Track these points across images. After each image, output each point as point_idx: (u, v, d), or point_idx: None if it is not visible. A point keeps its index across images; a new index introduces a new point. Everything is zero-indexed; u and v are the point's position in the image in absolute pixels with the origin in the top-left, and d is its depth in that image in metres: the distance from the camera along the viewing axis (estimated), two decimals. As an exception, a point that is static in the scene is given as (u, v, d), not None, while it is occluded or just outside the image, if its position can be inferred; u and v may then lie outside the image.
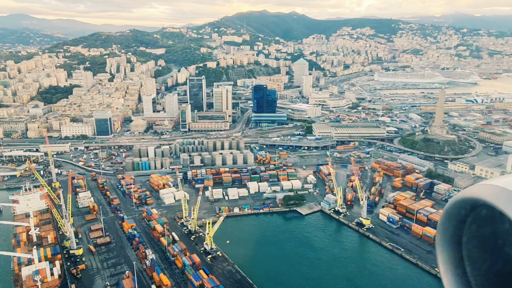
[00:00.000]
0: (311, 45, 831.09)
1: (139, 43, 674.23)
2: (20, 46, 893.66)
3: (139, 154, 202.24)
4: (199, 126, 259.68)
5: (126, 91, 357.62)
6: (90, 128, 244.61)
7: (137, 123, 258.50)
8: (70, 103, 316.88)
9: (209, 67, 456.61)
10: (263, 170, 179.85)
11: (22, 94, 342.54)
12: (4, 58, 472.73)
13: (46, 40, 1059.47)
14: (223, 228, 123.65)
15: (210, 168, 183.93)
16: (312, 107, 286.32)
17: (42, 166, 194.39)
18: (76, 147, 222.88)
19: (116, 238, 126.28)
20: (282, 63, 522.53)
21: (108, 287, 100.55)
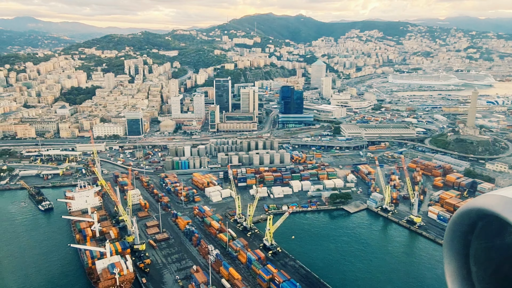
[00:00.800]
0: (321, 47, 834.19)
1: (151, 45, 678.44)
2: (29, 48, 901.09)
3: (176, 153, 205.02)
4: (227, 126, 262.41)
5: (148, 93, 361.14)
6: (122, 128, 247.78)
7: (166, 124, 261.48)
8: (95, 104, 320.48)
9: (227, 69, 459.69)
10: (301, 170, 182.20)
11: (47, 95, 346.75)
12: (23, 60, 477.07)
13: (54, 42, 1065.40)
14: None
15: (247, 167, 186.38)
16: (338, 108, 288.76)
17: (82, 165, 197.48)
18: (111, 146, 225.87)
19: (173, 234, 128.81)
20: (298, 65, 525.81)
21: (179, 281, 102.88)
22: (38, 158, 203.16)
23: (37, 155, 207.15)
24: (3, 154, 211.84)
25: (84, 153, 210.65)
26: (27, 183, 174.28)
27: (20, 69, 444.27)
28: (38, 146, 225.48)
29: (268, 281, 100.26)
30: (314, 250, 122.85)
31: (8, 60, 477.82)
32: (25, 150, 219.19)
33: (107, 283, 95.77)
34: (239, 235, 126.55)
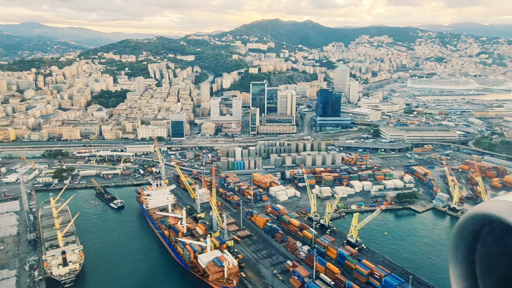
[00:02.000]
0: (334, 53, 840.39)
1: (166, 50, 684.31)
2: (39, 53, 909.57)
3: (227, 154, 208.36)
4: (267, 129, 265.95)
5: (178, 96, 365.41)
6: (165, 130, 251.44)
7: (207, 126, 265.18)
8: (130, 107, 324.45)
9: (251, 73, 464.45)
10: (356, 171, 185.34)
11: (79, 98, 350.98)
12: (48, 64, 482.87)
13: (63, 47, 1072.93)
14: (347, 223, 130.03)
15: (305, 168, 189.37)
16: (373, 111, 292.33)
17: (138, 165, 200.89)
18: (159, 147, 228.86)
19: (253, 231, 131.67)
20: (318, 69, 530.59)
21: (278, 275, 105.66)
22: (93, 159, 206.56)
23: (91, 156, 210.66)
24: (56, 154, 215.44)
25: (136, 154, 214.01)
26: (88, 183, 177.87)
27: (46, 73, 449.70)
28: (87, 147, 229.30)
29: (366, 276, 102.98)
30: (396, 248, 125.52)
31: (34, 64, 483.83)
32: (76, 151, 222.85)
33: (216, 276, 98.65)
34: (319, 232, 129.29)
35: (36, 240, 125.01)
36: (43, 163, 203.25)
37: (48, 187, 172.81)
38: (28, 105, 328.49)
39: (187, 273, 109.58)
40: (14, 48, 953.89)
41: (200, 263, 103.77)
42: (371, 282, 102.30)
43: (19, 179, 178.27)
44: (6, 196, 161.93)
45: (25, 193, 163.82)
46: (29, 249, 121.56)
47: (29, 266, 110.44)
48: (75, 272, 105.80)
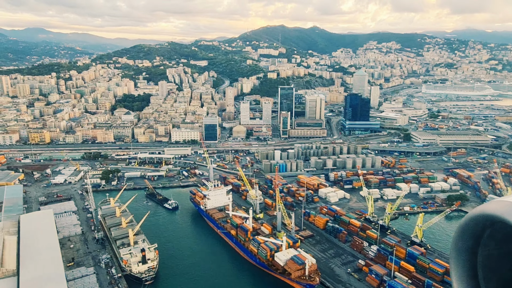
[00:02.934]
0: (344, 58, 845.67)
1: (179, 55, 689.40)
2: (47, 59, 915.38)
3: (267, 157, 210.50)
4: (298, 132, 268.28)
5: (201, 100, 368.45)
6: (198, 133, 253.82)
7: (238, 129, 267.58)
8: (156, 111, 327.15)
9: (270, 78, 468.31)
10: (398, 173, 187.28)
11: (104, 102, 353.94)
12: (67, 69, 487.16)
13: (70, 53, 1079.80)
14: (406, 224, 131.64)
15: (347, 170, 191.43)
16: (401, 116, 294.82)
17: (179, 167, 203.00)
18: (196, 150, 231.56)
19: (313, 231, 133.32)
20: (334, 74, 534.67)
21: (354, 274, 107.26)
22: (135, 161, 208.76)
23: (131, 158, 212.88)
24: (95, 157, 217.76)
25: (176, 156, 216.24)
26: (134, 184, 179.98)
27: (66, 77, 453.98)
28: (123, 149, 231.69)
29: (441, 275, 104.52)
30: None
31: (53, 69, 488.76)
32: (115, 153, 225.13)
33: (297, 274, 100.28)
34: (379, 233, 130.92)
35: (103, 239, 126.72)
36: (84, 165, 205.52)
37: (97, 188, 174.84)
38: (55, 108, 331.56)
39: (260, 271, 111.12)
40: (22, 53, 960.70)
41: (278, 261, 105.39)
42: (446, 280, 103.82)
43: (67, 180, 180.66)
44: (59, 196, 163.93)
45: (77, 194, 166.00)
46: (98, 247, 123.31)
47: (104, 264, 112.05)
48: (154, 270, 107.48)
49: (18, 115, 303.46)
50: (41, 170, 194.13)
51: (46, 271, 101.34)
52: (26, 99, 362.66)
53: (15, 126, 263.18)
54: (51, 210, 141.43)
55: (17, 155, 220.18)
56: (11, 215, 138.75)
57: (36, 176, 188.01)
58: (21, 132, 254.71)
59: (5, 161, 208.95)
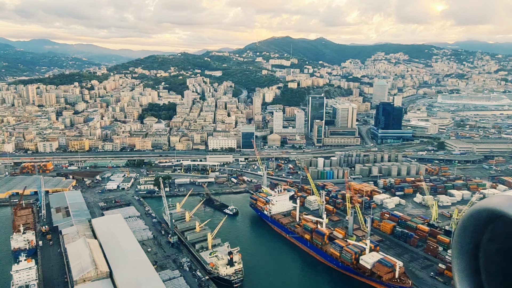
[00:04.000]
0: (353, 69, 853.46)
1: (192, 65, 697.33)
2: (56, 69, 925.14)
3: (310, 164, 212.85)
4: (331, 141, 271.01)
5: (227, 110, 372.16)
6: (235, 141, 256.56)
7: (273, 138, 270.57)
8: (185, 119, 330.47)
9: (290, 87, 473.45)
10: (445, 180, 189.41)
11: (132, 110, 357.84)
12: (88, 78, 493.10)
13: (77, 63, 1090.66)
14: None
15: (395, 178, 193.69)
16: (431, 124, 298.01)
17: (226, 174, 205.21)
18: (237, 158, 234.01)
19: (381, 236, 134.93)
20: (352, 84, 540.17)
21: (437, 278, 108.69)
22: (181, 168, 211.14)
23: (176, 165, 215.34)
24: (139, 164, 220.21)
25: (221, 164, 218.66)
26: (184, 191, 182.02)
27: (88, 86, 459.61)
28: (163, 157, 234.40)
29: None
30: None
31: (74, 78, 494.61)
32: (157, 160, 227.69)
33: (388, 276, 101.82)
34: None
35: (178, 243, 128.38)
36: (130, 172, 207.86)
37: (152, 194, 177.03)
38: (84, 117, 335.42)
39: (343, 274, 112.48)
40: (30, 64, 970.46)
41: (364, 264, 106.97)
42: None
43: (120, 186, 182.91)
44: (117, 202, 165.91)
45: (134, 199, 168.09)
46: (174, 251, 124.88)
47: (188, 267, 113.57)
48: (241, 272, 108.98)
49: (51, 124, 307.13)
50: (92, 177, 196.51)
51: (140, 273, 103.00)
52: (53, 108, 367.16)
53: (54, 134, 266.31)
54: (120, 215, 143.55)
55: (62, 162, 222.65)
56: (81, 219, 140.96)
57: (88, 183, 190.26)
58: (59, 140, 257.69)
59: (52, 168, 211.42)
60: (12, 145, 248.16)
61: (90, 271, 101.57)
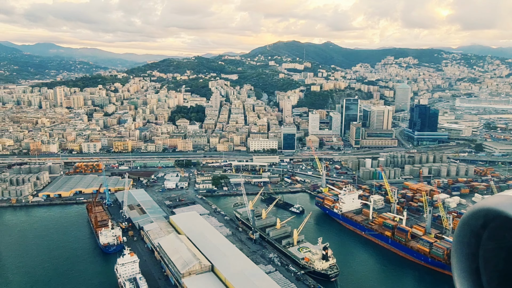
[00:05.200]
0: (365, 73, 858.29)
1: (207, 69, 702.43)
2: (65, 72, 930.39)
3: (358, 165, 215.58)
4: (369, 142, 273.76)
5: (256, 112, 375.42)
6: (276, 143, 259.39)
7: (312, 139, 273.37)
8: (218, 121, 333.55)
9: (313, 91, 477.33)
10: (497, 181, 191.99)
11: (162, 112, 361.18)
12: (111, 81, 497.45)
13: (85, 67, 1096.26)
14: None
15: (444, 178, 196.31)
16: (466, 127, 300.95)
17: (277, 174, 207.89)
18: (282, 159, 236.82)
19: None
20: (372, 88, 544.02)
21: None
22: (232, 168, 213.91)
23: (226, 165, 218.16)
24: (187, 164, 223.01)
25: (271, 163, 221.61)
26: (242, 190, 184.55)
27: (112, 89, 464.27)
28: (208, 157, 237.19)
29: None
30: None
31: (96, 81, 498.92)
32: (204, 161, 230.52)
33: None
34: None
35: (261, 239, 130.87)
36: (177, 171, 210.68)
37: (212, 193, 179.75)
38: (116, 118, 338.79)
39: (432, 270, 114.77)
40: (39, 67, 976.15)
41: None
42: None
43: (178, 185, 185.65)
44: (181, 200, 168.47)
45: (198, 198, 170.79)
46: (258, 247, 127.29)
47: (279, 262, 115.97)
48: (336, 267, 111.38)
49: (88, 125, 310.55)
50: (147, 176, 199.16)
51: (242, 267, 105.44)
52: (84, 110, 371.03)
53: (95, 135, 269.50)
54: (195, 212, 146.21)
55: (112, 162, 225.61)
56: (158, 216, 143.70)
57: (144, 182, 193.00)
58: (102, 141, 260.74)
59: (104, 168, 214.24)
60: (57, 146, 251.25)
61: (195, 265, 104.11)
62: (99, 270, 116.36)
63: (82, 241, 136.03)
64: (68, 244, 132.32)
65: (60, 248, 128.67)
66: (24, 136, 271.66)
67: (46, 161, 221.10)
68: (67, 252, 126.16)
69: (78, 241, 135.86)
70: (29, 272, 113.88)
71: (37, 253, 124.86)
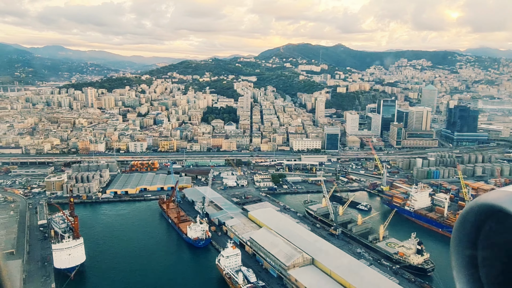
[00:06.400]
0: (381, 75, 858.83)
1: (225, 70, 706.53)
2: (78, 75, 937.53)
3: (409, 165, 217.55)
4: (409, 143, 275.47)
5: (288, 112, 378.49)
6: (319, 143, 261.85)
7: (353, 140, 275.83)
8: (254, 122, 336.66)
9: (339, 92, 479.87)
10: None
11: (195, 113, 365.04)
12: (138, 83, 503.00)
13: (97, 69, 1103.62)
14: None
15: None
16: (504, 128, 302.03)
17: (331, 173, 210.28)
18: (329, 158, 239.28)
19: None
20: (395, 89, 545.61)
21: None
22: (285, 167, 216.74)
23: (278, 164, 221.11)
24: (238, 163, 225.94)
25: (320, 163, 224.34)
26: (303, 188, 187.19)
27: (139, 90, 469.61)
28: (254, 157, 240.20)
29: None
30: None
31: (122, 82, 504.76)
32: (254, 160, 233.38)
33: None
34: None
35: (341, 235, 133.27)
36: (230, 170, 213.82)
37: (274, 191, 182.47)
38: (151, 119, 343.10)
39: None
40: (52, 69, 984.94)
41: None
42: None
43: (239, 183, 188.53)
44: (247, 197, 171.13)
45: (263, 196, 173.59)
46: (342, 243, 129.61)
47: (370, 257, 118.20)
48: (431, 261, 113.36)
49: (127, 125, 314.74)
50: (205, 174, 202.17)
51: (342, 260, 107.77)
52: (118, 111, 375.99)
53: (140, 135, 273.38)
54: (271, 208, 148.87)
55: (164, 161, 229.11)
56: (236, 212, 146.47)
57: (203, 180, 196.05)
58: (147, 140, 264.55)
59: (158, 167, 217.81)
60: (104, 145, 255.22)
61: (298, 258, 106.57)
62: (195, 264, 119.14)
63: (164, 236, 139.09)
64: (152, 239, 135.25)
65: (146, 243, 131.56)
66: (68, 136, 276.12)
67: (99, 159, 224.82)
68: (153, 247, 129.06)
69: (160, 235, 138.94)
70: (123, 263, 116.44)
71: (127, 247, 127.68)
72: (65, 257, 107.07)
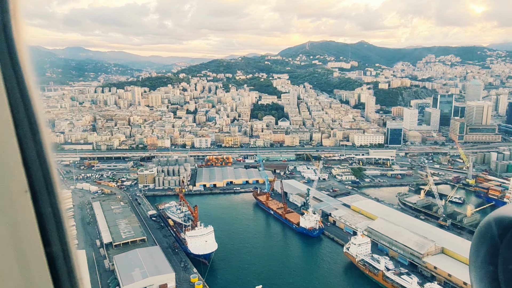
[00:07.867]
0: (412, 71, 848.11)
1: (256, 68, 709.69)
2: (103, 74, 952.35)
3: (484, 159, 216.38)
4: (472, 138, 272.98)
5: (334, 109, 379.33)
6: (382, 138, 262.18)
7: (414, 135, 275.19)
8: (307, 118, 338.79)
9: (381, 88, 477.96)
10: None
11: (244, 110, 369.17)
12: (179, 81, 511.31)
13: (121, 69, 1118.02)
14: None
15: None
16: None
17: (406, 168, 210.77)
18: (397, 153, 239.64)
19: None
20: (436, 85, 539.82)
21: None
22: (359, 161, 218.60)
23: (350, 158, 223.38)
24: (307, 158, 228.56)
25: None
26: (385, 181, 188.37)
27: (180, 88, 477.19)
28: (325, 151, 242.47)
29: None
30: None
31: (162, 81, 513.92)
32: (322, 155, 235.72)
33: None
34: None
35: (452, 226, 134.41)
36: (301, 165, 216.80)
37: (357, 184, 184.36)
38: (203, 116, 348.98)
39: None
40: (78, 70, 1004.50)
41: None
42: None
43: (320, 177, 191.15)
44: (335, 191, 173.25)
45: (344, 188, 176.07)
46: (454, 233, 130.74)
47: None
48: None
49: (184, 122, 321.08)
50: (283, 168, 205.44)
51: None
52: (165, 108, 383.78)
53: (203, 131, 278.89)
54: (371, 200, 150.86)
55: (236, 156, 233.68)
56: (337, 204, 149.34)
57: (282, 174, 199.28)
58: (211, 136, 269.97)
59: (232, 161, 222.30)
60: (169, 141, 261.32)
61: (432, 246, 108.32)
62: (317, 252, 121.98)
63: (270, 225, 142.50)
64: (262, 229, 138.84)
65: (258, 233, 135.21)
66: (131, 133, 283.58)
67: (172, 155, 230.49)
68: (266, 236, 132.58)
69: (265, 225, 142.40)
70: (245, 253, 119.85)
71: (241, 237, 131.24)
72: (201, 244, 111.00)
